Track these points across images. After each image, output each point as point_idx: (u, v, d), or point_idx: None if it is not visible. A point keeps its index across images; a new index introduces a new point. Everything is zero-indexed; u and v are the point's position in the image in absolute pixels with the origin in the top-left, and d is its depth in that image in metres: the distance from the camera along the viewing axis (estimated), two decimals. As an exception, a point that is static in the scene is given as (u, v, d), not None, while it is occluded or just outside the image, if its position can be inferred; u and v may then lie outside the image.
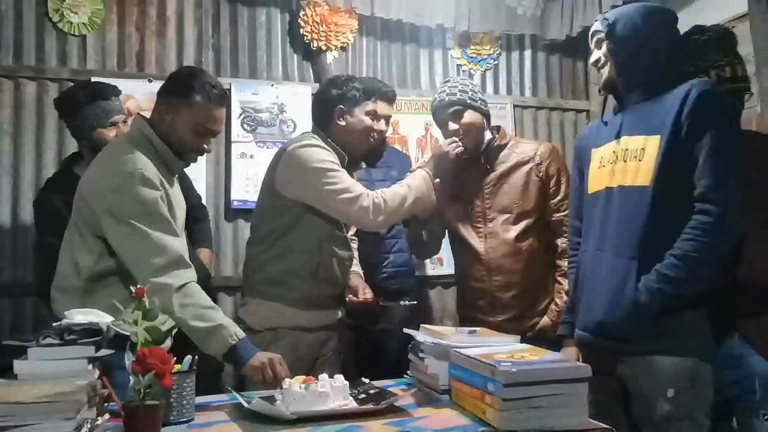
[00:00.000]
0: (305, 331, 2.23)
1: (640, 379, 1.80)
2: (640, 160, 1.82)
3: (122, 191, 1.93)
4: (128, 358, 1.53)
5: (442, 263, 3.53)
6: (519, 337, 1.87)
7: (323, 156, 2.19)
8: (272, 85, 3.46)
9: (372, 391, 1.77)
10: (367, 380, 1.86)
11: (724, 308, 1.84)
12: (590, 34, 2.00)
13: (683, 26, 3.29)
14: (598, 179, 1.99)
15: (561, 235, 2.47)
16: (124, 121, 2.48)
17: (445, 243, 2.71)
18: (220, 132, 2.17)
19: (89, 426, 1.36)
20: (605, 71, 1.94)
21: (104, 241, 1.97)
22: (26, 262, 3.00)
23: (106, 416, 1.49)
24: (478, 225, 2.53)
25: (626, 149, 1.89)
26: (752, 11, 2.85)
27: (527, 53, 3.98)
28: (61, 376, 1.46)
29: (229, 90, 3.37)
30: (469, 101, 2.48)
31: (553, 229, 2.51)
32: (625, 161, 1.88)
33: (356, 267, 2.53)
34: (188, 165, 2.19)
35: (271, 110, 3.42)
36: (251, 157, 3.34)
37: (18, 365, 1.49)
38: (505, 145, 2.57)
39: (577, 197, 2.19)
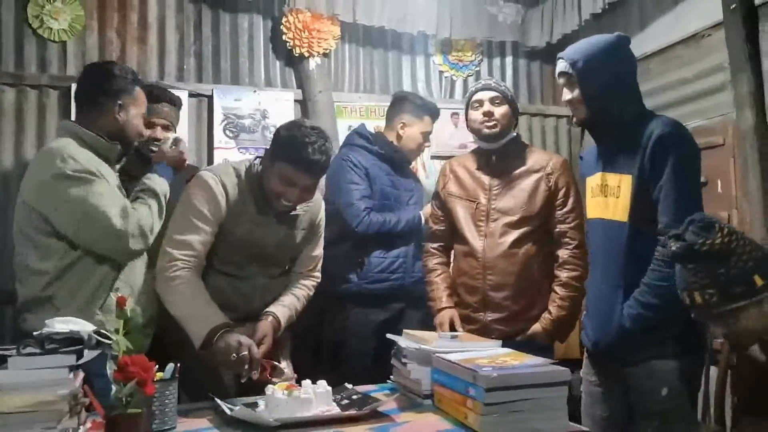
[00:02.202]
0: None
1: (638, 381, 1.97)
2: (617, 197, 2.00)
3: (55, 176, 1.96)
4: (110, 367, 1.52)
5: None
6: (501, 342, 1.89)
7: None
8: (254, 91, 3.46)
9: (355, 397, 1.77)
10: (350, 385, 1.87)
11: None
12: (557, 74, 2.09)
13: (661, 33, 3.39)
14: (591, 207, 2.17)
15: (563, 246, 2.51)
16: (165, 128, 2.45)
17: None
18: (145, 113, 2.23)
19: (72, 434, 1.35)
20: (579, 112, 2.04)
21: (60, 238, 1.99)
22: (7, 271, 2.97)
23: (89, 424, 1.49)
24: (480, 224, 2.55)
25: (606, 185, 2.06)
26: (727, 20, 2.91)
27: (508, 60, 4.03)
28: (42, 385, 1.44)
29: (211, 96, 3.39)
30: (510, 97, 2.59)
31: (556, 240, 2.54)
32: (605, 196, 2.06)
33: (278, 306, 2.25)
34: (129, 148, 2.21)
35: (253, 116, 3.43)
36: (234, 162, 3.34)
37: (-2, 375, 1.49)
38: (521, 150, 2.62)
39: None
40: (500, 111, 2.52)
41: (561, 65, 2.05)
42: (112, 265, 2.06)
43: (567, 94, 2.05)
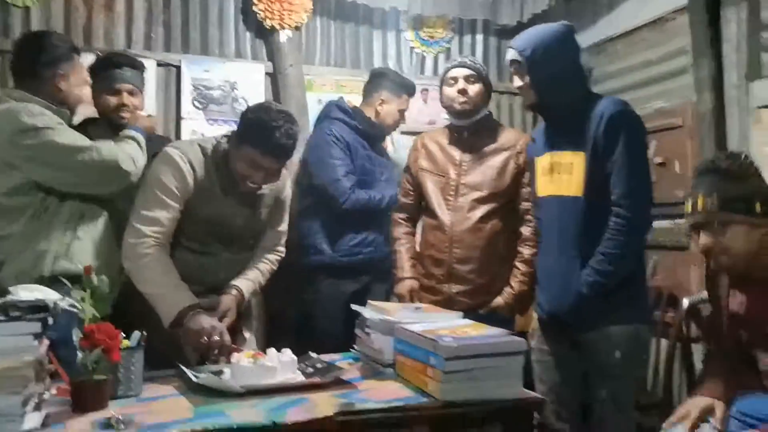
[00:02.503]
0: None
1: (594, 346, 2.11)
2: (570, 174, 2.13)
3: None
4: (76, 335, 1.54)
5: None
6: (462, 313, 1.95)
7: None
8: (224, 62, 3.43)
9: (319, 365, 1.82)
10: (314, 354, 1.91)
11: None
12: (508, 62, 2.22)
13: (627, 16, 3.44)
14: (542, 186, 2.27)
15: (525, 224, 2.58)
16: (131, 93, 2.40)
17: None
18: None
19: (36, 400, 1.37)
20: (528, 97, 2.19)
21: None
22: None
23: (53, 390, 1.50)
24: (449, 198, 2.60)
25: (559, 162, 2.18)
26: (690, 5, 2.98)
27: (479, 37, 4.04)
28: (7, 352, 1.45)
29: (180, 66, 3.35)
30: (484, 75, 2.65)
31: (520, 217, 2.61)
32: (558, 173, 2.18)
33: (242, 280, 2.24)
34: (72, 110, 2.26)
35: (222, 88, 3.40)
36: (202, 134, 3.30)
37: (-38, 341, 1.49)
38: (492, 128, 2.67)
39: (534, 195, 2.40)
40: (474, 89, 2.57)
41: (511, 53, 2.20)
42: (72, 212, 2.12)
43: (517, 81, 2.20)
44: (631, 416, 2.16)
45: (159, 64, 3.31)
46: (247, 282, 2.19)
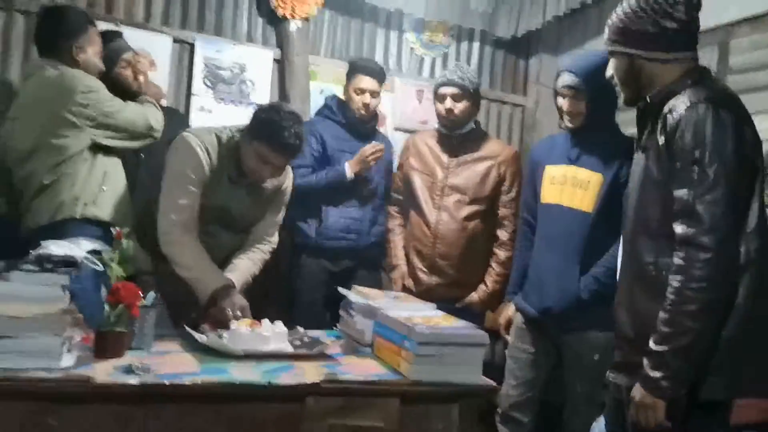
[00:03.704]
0: None
1: (576, 346, 2.35)
2: (585, 190, 2.33)
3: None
4: (103, 291, 1.74)
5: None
6: (435, 305, 2.19)
7: None
8: (234, 44, 3.59)
9: (306, 339, 2.04)
10: (301, 329, 2.14)
11: None
12: (562, 85, 2.34)
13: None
14: (549, 193, 2.45)
15: (503, 228, 2.86)
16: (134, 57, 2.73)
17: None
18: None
19: (71, 343, 1.58)
20: (577, 121, 2.35)
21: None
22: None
23: (79, 337, 1.71)
24: (435, 197, 2.87)
25: (575, 176, 2.36)
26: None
27: (476, 45, 4.22)
28: (40, 300, 1.66)
29: (194, 45, 3.50)
30: (471, 91, 2.83)
31: (498, 221, 2.87)
32: (573, 186, 2.36)
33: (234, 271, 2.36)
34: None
35: (232, 69, 3.56)
36: (210, 111, 3.49)
37: (1, 286, 1.69)
38: (479, 137, 2.93)
39: (530, 197, 2.61)
40: (460, 107, 2.80)
41: (569, 79, 2.31)
42: (99, 167, 2.41)
43: (571, 106, 2.33)
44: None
45: (175, 41, 3.45)
46: (241, 275, 2.32)
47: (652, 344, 1.56)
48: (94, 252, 1.89)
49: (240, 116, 3.25)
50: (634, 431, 1.64)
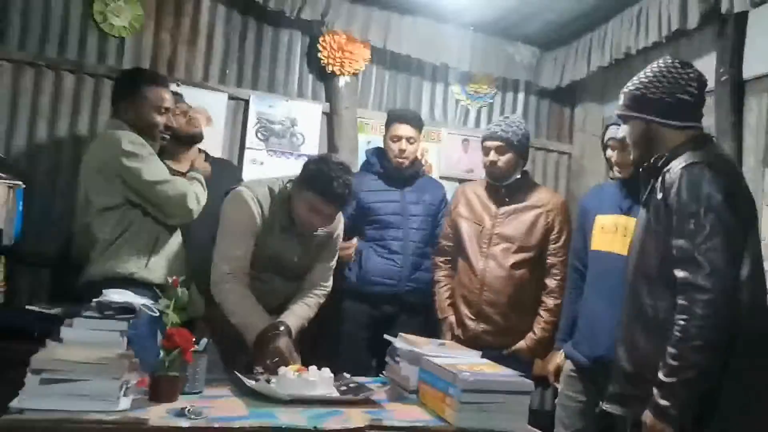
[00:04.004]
0: None
1: None
2: None
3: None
4: (159, 337, 1.82)
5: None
6: (480, 352, 2.19)
7: None
8: (287, 100, 3.74)
9: (352, 385, 2.07)
10: (348, 375, 2.17)
11: None
12: (610, 138, 2.41)
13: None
14: (601, 241, 2.46)
15: (551, 276, 2.86)
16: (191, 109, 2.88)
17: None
18: (171, 108, 2.61)
19: (127, 386, 1.65)
20: (625, 172, 2.38)
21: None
22: (50, 237, 3.26)
23: (135, 381, 1.78)
24: (483, 246, 2.89)
25: (626, 227, 2.34)
26: (717, 89, 3.20)
27: (520, 96, 4.29)
28: (100, 345, 1.75)
29: (248, 101, 3.68)
30: (515, 144, 2.86)
31: (546, 269, 2.87)
32: (625, 236, 2.32)
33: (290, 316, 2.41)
34: (157, 142, 2.57)
35: (283, 123, 3.71)
36: (261, 163, 3.63)
37: (65, 331, 1.79)
38: (528, 186, 2.96)
39: (580, 245, 2.62)
40: (504, 159, 2.85)
41: (617, 132, 2.34)
42: (150, 232, 2.44)
43: (619, 157, 2.38)
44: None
45: (230, 98, 3.64)
46: (296, 318, 2.39)
47: (661, 376, 1.69)
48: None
49: (290, 168, 3.41)
50: None
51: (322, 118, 3.80)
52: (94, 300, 1.91)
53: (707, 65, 3.28)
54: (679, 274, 1.70)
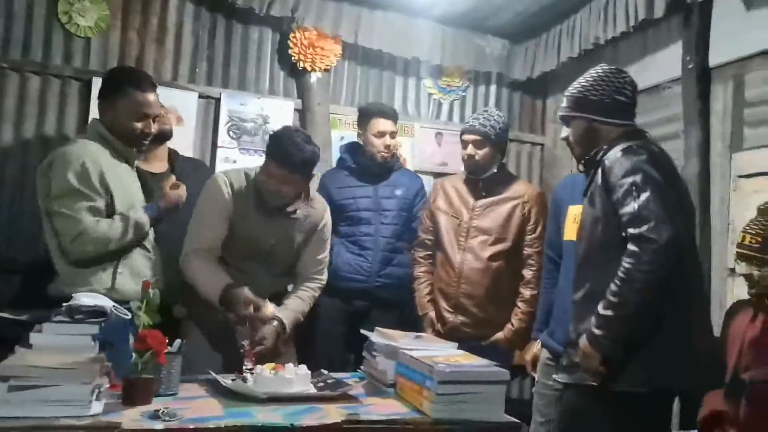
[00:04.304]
0: None
1: None
2: None
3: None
4: (131, 339, 1.79)
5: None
6: (456, 344, 2.19)
7: None
8: (258, 97, 3.71)
9: (329, 381, 2.05)
10: (325, 372, 2.15)
11: None
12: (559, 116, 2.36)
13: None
14: (574, 231, 2.42)
15: (527, 267, 2.89)
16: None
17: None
18: (154, 114, 2.40)
19: (99, 391, 1.62)
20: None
21: None
22: (20, 243, 3.21)
23: (107, 385, 1.75)
24: (461, 239, 2.91)
25: None
26: (684, 77, 3.24)
27: (492, 88, 4.30)
28: (71, 350, 1.71)
29: (219, 99, 3.64)
30: (493, 137, 2.87)
31: (523, 260, 2.89)
32: None
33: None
34: (139, 149, 2.48)
35: (255, 121, 3.68)
36: (234, 162, 3.59)
37: (34, 337, 1.76)
38: (505, 179, 2.96)
39: (554, 235, 2.64)
40: (481, 153, 2.86)
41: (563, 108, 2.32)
42: (112, 255, 2.29)
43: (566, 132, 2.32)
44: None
45: (201, 96, 3.60)
46: (290, 312, 2.40)
47: (600, 309, 1.87)
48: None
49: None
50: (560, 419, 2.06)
51: (295, 114, 3.78)
52: (64, 304, 1.88)
53: (674, 54, 3.33)
54: (631, 231, 1.85)
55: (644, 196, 1.85)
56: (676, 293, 1.90)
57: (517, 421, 1.81)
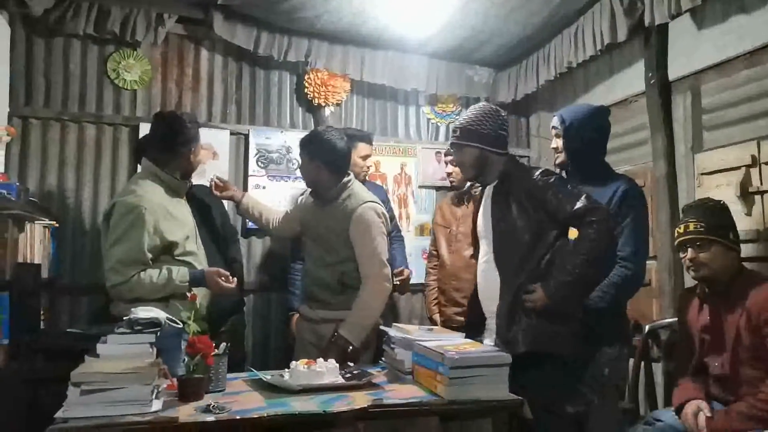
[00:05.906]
0: None
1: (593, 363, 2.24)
2: None
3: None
4: (183, 344, 1.80)
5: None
6: (464, 334, 2.18)
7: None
8: (281, 131, 3.74)
9: (355, 372, 2.05)
10: (351, 364, 2.15)
11: None
12: (551, 126, 2.38)
13: (599, 98, 3.68)
14: None
15: None
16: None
17: (414, 259, 3.25)
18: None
19: (158, 390, 1.63)
20: (560, 156, 2.36)
21: None
22: (83, 269, 3.25)
23: (164, 384, 1.76)
24: (452, 245, 3.12)
25: None
26: (648, 91, 3.23)
27: (482, 111, 4.30)
28: (132, 356, 1.73)
29: (248, 135, 3.67)
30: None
31: None
32: None
33: None
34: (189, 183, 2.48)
35: (280, 151, 3.71)
36: (264, 188, 3.62)
37: (100, 347, 1.78)
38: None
39: None
40: (457, 170, 2.91)
41: (554, 120, 2.36)
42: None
43: (555, 142, 2.37)
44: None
45: (232, 133, 3.63)
46: (349, 325, 2.33)
47: (554, 271, 2.02)
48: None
49: (288, 190, 3.51)
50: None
51: (313, 144, 3.78)
52: (124, 318, 1.90)
53: (637, 71, 3.33)
54: (577, 223, 2.02)
55: (573, 197, 2.02)
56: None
57: (519, 398, 1.80)
